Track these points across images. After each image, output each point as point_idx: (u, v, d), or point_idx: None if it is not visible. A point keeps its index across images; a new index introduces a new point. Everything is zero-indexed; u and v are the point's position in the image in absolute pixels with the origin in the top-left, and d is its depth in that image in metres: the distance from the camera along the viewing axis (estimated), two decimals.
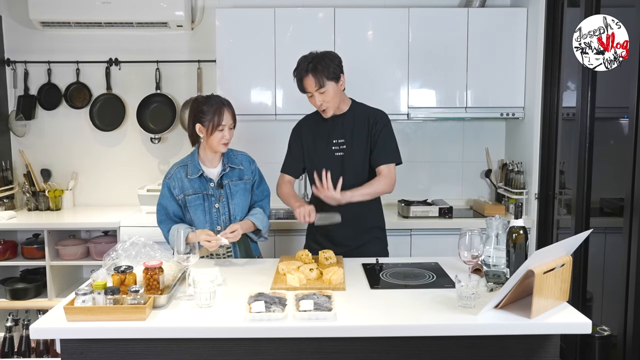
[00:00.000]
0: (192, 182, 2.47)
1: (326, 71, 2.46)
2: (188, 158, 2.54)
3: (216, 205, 2.48)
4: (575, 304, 2.85)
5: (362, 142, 2.58)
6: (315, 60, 2.47)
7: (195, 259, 2.04)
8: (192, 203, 2.47)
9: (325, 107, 2.52)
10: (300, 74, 2.49)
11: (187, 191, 2.47)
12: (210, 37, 3.73)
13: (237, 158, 2.57)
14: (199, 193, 2.47)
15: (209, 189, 2.48)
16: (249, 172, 2.56)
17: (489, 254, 2.12)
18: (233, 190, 2.50)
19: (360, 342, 1.83)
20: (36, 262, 3.54)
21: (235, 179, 2.52)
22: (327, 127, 2.61)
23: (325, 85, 2.46)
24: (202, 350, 1.83)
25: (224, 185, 2.49)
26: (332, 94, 2.49)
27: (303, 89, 2.52)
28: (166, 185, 2.50)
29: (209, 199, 2.48)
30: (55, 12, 3.55)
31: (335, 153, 2.59)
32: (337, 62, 2.51)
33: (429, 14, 3.58)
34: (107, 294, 1.79)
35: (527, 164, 3.57)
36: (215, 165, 2.52)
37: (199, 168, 2.48)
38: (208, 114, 2.41)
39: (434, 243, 3.41)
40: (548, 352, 1.85)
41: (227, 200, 2.49)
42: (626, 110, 2.52)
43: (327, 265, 2.32)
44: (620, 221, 2.58)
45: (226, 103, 2.46)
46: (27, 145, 3.95)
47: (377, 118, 2.60)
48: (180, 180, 2.48)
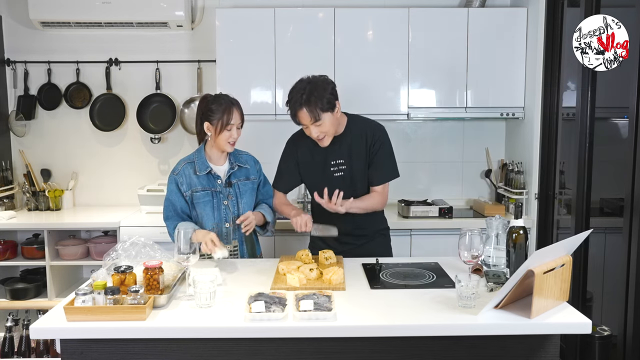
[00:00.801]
0: (200, 178, 2.47)
1: (320, 103, 2.35)
2: (194, 155, 2.53)
3: (225, 202, 2.49)
4: (575, 304, 2.85)
5: (361, 161, 2.54)
6: (308, 92, 2.35)
7: (195, 259, 2.04)
8: (200, 200, 2.47)
9: (322, 137, 2.46)
10: (295, 108, 2.40)
11: (195, 187, 2.47)
12: (210, 37, 3.73)
13: (242, 157, 2.58)
14: (207, 190, 2.48)
15: (216, 185, 2.48)
16: (254, 172, 2.58)
17: (489, 254, 2.12)
18: (242, 190, 2.52)
19: (360, 342, 1.83)
20: (36, 262, 3.54)
21: (243, 179, 2.53)
22: (325, 149, 2.54)
23: (321, 118, 2.38)
24: (202, 350, 1.83)
25: (232, 184, 2.50)
26: (328, 125, 2.41)
27: (298, 121, 2.45)
28: (174, 181, 2.49)
29: (217, 195, 2.48)
30: (55, 12, 3.55)
31: (334, 174, 2.56)
32: (330, 89, 2.40)
33: (429, 14, 3.58)
34: (107, 294, 1.79)
35: (527, 164, 3.57)
36: (221, 163, 2.53)
37: (206, 165, 2.48)
38: (217, 112, 2.42)
39: (434, 243, 3.41)
40: (548, 352, 1.85)
41: (236, 199, 2.50)
42: (626, 110, 2.52)
43: (327, 265, 2.32)
44: (620, 221, 2.58)
45: (235, 102, 2.47)
46: (27, 145, 3.95)
47: (375, 137, 2.53)
48: (188, 176, 2.48)
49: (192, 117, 3.89)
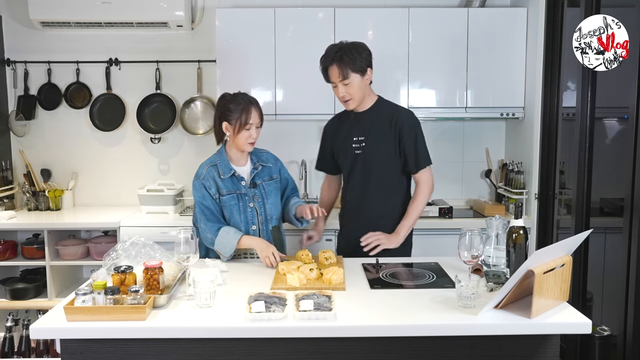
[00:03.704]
0: (225, 182, 2.45)
1: (352, 63, 2.42)
2: (216, 157, 2.50)
3: (250, 204, 2.47)
4: (575, 304, 2.85)
5: (382, 140, 2.54)
6: (342, 51, 2.43)
7: (195, 259, 2.04)
8: (227, 203, 2.45)
9: (348, 98, 2.49)
10: (326, 62, 2.46)
11: (221, 191, 2.45)
12: (210, 37, 3.73)
13: (264, 156, 2.57)
14: (233, 193, 2.45)
15: (241, 188, 2.46)
16: (276, 171, 2.57)
17: (489, 254, 2.12)
18: (267, 190, 2.50)
19: (360, 342, 1.83)
20: (36, 262, 3.53)
21: (267, 178, 2.52)
22: (349, 124, 2.60)
23: (350, 77, 2.43)
24: (202, 350, 1.83)
25: (257, 185, 2.49)
26: (356, 87, 2.46)
27: (327, 78, 2.49)
28: (202, 186, 2.44)
29: (242, 198, 2.46)
30: (55, 12, 3.55)
31: (355, 150, 2.58)
32: (365, 54, 2.46)
33: (429, 14, 3.58)
34: (107, 294, 1.79)
35: (527, 164, 3.57)
36: (243, 164, 2.51)
37: (230, 167, 2.46)
38: (235, 112, 2.39)
39: (434, 243, 3.41)
40: (548, 352, 1.85)
41: (262, 200, 2.49)
42: (626, 110, 2.52)
43: (327, 265, 2.32)
44: (620, 221, 2.58)
45: (254, 101, 2.45)
46: (27, 145, 3.95)
47: (402, 120, 2.53)
48: (213, 180, 2.44)
49: (192, 117, 3.90)
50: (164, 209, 3.61)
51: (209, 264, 2.30)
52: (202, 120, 3.89)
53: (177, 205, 3.67)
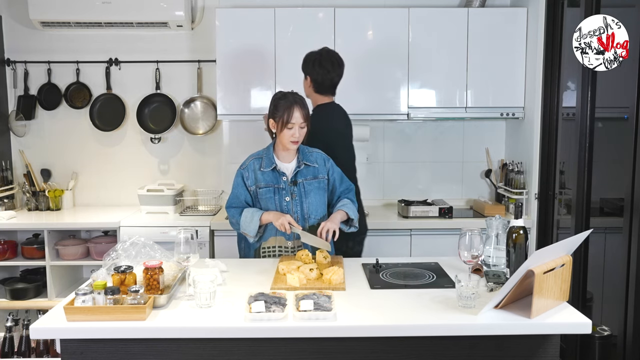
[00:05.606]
0: (265, 174, 2.50)
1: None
2: (264, 151, 2.56)
3: (287, 198, 2.49)
4: (575, 304, 2.85)
5: None
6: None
7: (195, 259, 2.04)
8: (263, 196, 2.50)
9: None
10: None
11: (259, 183, 2.50)
12: (210, 37, 3.73)
13: (312, 156, 2.58)
14: (271, 186, 2.50)
15: (280, 182, 2.50)
16: (323, 171, 2.57)
17: (489, 254, 2.13)
18: (307, 189, 2.52)
19: (360, 342, 1.83)
20: (36, 262, 3.53)
21: (310, 178, 2.53)
22: None
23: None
24: (202, 350, 1.83)
25: (297, 183, 2.51)
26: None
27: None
28: (240, 175, 2.53)
29: (279, 192, 2.50)
30: (55, 12, 3.55)
31: None
32: None
33: (429, 14, 3.58)
34: (107, 294, 1.79)
35: (527, 164, 3.58)
36: (289, 161, 2.54)
37: (273, 161, 2.51)
38: (280, 110, 2.43)
39: (434, 243, 3.41)
40: (548, 352, 1.85)
41: (300, 199, 2.51)
42: (626, 110, 2.52)
43: (326, 265, 2.32)
44: (620, 221, 2.58)
45: (298, 101, 2.45)
46: (27, 145, 3.95)
47: None
48: (253, 171, 2.51)
49: (192, 117, 3.90)
50: (164, 209, 3.61)
51: (209, 264, 2.31)
52: (202, 120, 3.89)
53: (177, 205, 3.67)
